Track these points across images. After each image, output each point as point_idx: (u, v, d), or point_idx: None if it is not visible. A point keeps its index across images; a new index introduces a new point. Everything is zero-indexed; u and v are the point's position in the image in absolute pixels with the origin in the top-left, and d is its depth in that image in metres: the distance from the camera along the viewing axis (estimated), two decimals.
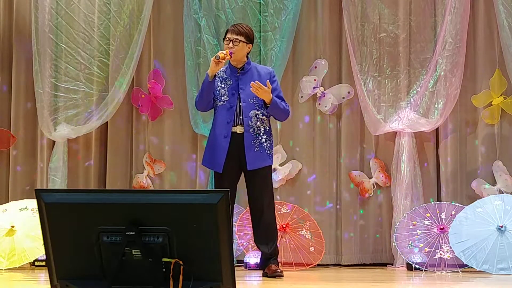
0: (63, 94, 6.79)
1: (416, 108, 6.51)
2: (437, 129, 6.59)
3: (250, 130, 5.31)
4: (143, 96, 6.90)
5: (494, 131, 6.53)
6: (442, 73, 6.44)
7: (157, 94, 6.86)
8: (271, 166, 5.47)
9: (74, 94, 6.79)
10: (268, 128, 5.40)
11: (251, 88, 5.22)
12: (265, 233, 5.41)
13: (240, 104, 5.34)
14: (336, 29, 6.83)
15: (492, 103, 6.52)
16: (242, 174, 5.45)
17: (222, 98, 5.36)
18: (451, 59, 6.42)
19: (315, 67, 6.77)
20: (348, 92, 6.74)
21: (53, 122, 6.76)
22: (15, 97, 7.03)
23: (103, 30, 6.82)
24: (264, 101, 5.31)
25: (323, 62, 6.75)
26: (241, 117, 5.33)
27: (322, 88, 6.72)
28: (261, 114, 5.35)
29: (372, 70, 6.62)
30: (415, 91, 6.55)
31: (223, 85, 5.38)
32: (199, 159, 6.80)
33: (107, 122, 6.86)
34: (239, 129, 5.33)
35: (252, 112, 5.34)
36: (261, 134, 5.34)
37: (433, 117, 6.47)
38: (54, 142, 6.81)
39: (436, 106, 6.48)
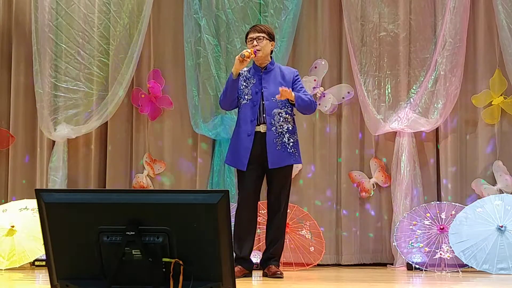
0: (63, 94, 6.79)
1: (415, 108, 6.51)
2: (437, 129, 6.59)
3: (272, 129, 5.30)
4: (143, 96, 6.90)
5: (494, 131, 6.53)
6: (442, 73, 6.44)
7: (157, 94, 6.86)
8: (292, 166, 5.46)
9: (74, 94, 6.79)
10: (292, 127, 5.36)
11: (277, 96, 5.22)
12: (275, 231, 5.44)
13: (263, 102, 5.34)
14: (336, 29, 6.83)
15: (492, 103, 6.52)
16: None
17: (246, 96, 5.35)
18: (451, 59, 6.42)
19: (315, 67, 6.77)
20: (348, 92, 6.74)
21: (53, 122, 6.76)
22: (15, 97, 7.03)
23: (102, 30, 6.82)
24: (288, 100, 5.31)
25: (323, 62, 6.75)
26: (264, 115, 5.32)
27: (322, 88, 6.72)
28: (284, 113, 5.33)
29: (372, 70, 6.62)
30: (414, 91, 6.55)
31: (246, 84, 5.38)
32: (199, 159, 6.80)
33: (107, 122, 6.86)
34: (262, 128, 5.31)
35: (275, 110, 5.31)
36: (284, 132, 5.31)
37: (433, 117, 6.47)
38: (54, 142, 6.81)
39: (436, 106, 6.47)
